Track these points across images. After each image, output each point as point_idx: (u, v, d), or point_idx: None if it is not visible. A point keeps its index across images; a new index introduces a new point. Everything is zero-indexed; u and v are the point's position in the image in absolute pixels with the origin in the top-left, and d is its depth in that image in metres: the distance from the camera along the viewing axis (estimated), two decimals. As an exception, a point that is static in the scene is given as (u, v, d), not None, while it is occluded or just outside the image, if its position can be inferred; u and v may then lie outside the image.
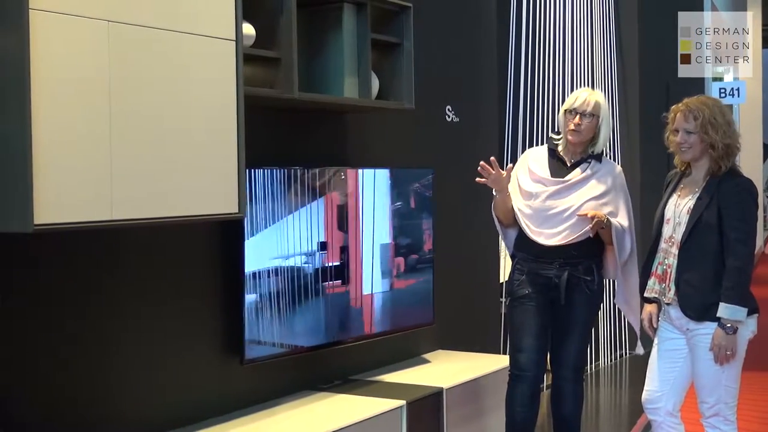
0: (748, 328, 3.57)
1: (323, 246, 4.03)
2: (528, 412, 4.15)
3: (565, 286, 4.01)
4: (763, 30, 17.23)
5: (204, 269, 3.66)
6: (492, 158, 3.95)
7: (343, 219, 4.14)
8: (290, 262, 3.86)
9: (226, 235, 3.66)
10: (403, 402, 3.94)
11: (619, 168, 4.16)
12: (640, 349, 6.60)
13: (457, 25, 5.30)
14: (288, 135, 4.01)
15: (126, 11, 2.75)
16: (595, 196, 3.97)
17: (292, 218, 3.86)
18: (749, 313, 3.53)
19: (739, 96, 12.49)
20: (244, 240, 3.62)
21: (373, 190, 4.30)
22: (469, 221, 4.27)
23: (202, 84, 3.02)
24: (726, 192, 3.54)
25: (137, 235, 3.34)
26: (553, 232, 3.98)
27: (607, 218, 3.90)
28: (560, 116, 4.07)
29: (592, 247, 4.04)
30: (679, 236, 3.62)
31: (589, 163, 4.03)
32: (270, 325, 3.78)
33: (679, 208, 3.67)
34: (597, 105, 4.00)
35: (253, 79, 3.46)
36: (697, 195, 3.60)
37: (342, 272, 4.14)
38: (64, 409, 3.14)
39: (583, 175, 3.98)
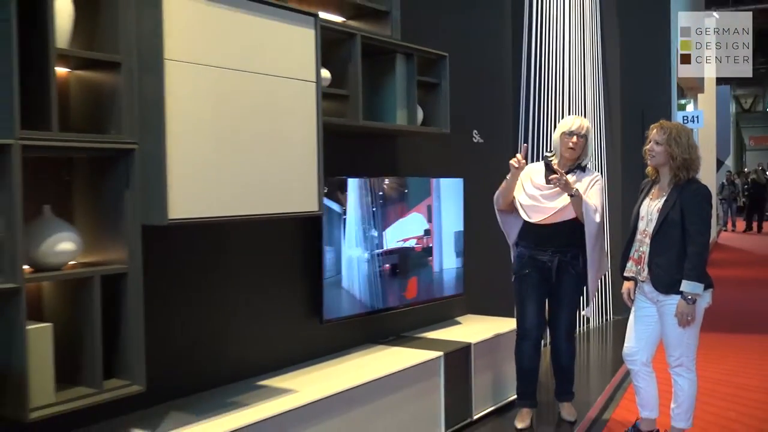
0: (705, 299, 3.54)
1: (379, 239, 4.06)
2: (532, 362, 4.15)
3: (556, 268, 4.01)
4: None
5: (296, 253, 3.68)
6: (525, 145, 4.14)
7: (387, 217, 4.17)
8: (357, 252, 3.90)
9: (310, 227, 3.68)
10: (441, 353, 3.94)
11: (597, 174, 4.14)
12: (586, 310, 6.50)
13: (482, 69, 5.28)
14: (354, 153, 4.03)
15: (235, 60, 2.79)
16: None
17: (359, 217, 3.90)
18: (705, 288, 3.50)
19: (698, 122, 12.36)
20: (322, 231, 3.65)
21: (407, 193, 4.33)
22: (490, 217, 4.27)
23: (291, 114, 3.04)
24: (687, 195, 3.53)
25: (245, 226, 3.37)
26: (539, 215, 3.97)
27: (576, 189, 3.87)
28: (557, 137, 4.05)
29: (577, 238, 4.00)
30: (650, 230, 3.60)
31: (575, 172, 4.02)
32: (343, 295, 3.82)
33: (650, 208, 3.65)
34: (587, 128, 4.03)
35: (328, 110, 3.47)
36: (665, 198, 3.59)
37: (396, 258, 4.16)
38: (196, 355, 3.20)
39: (572, 181, 3.95)
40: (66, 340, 2.48)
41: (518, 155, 3.94)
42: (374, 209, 4.03)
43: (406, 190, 4.27)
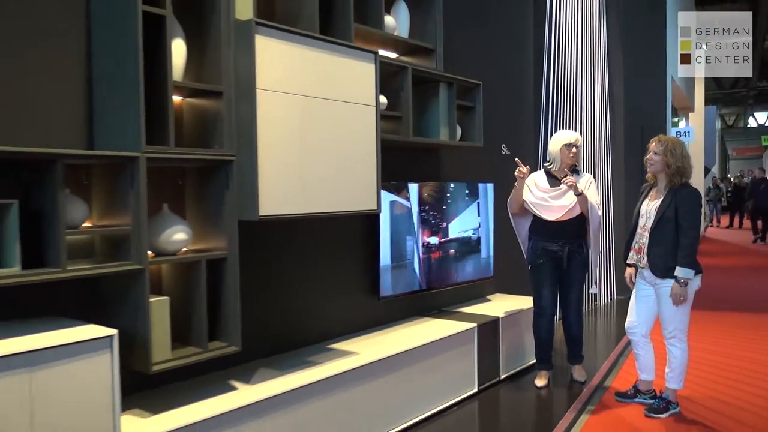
0: (695, 283, 3.45)
1: (438, 232, 4.05)
2: (548, 334, 4.11)
3: (567, 256, 3.94)
4: (705, 92, 16.57)
5: (359, 243, 3.70)
6: (517, 159, 3.92)
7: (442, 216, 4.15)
8: (418, 241, 3.90)
9: (371, 223, 3.69)
10: (475, 324, 3.91)
11: (590, 176, 4.08)
12: (594, 289, 6.35)
13: (509, 95, 5.23)
14: (405, 163, 4.03)
15: (312, 89, 2.81)
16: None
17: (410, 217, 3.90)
18: (696, 273, 3.41)
19: (689, 136, 12.03)
20: (380, 225, 3.66)
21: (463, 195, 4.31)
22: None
23: (356, 132, 3.05)
24: (681, 197, 3.45)
25: (319, 222, 3.40)
26: (553, 214, 3.91)
27: (582, 192, 3.83)
28: (558, 149, 3.95)
29: (581, 230, 3.96)
30: (649, 225, 3.52)
31: (572, 175, 3.94)
32: (396, 276, 3.83)
33: (649, 207, 3.57)
34: (581, 140, 4.01)
35: (385, 129, 3.48)
36: (662, 199, 3.51)
37: (436, 247, 4.14)
38: (279, 323, 3.24)
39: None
40: (179, 310, 2.53)
41: (521, 168, 3.86)
42: (444, 207, 4.11)
43: (466, 191, 4.33)
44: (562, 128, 6.11)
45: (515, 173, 3.89)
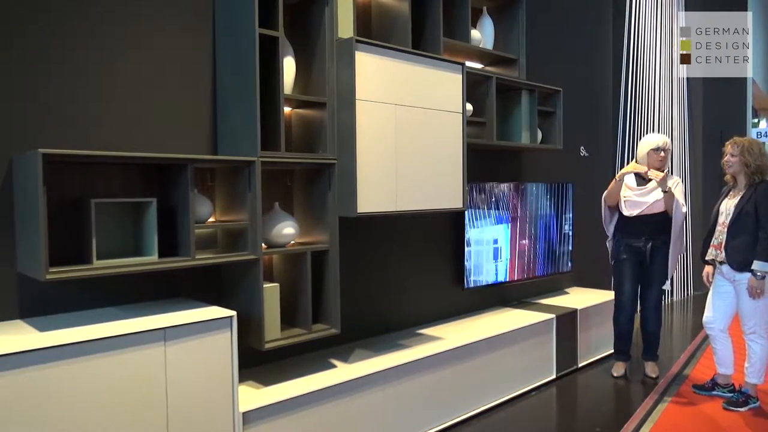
0: None
1: (521, 229, 3.98)
2: (627, 327, 3.91)
3: (649, 251, 3.74)
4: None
5: (446, 237, 3.68)
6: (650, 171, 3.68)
7: (528, 211, 4.07)
8: (506, 236, 3.85)
9: (457, 220, 3.68)
10: (554, 315, 3.81)
11: (677, 178, 3.81)
12: (666, 286, 5.98)
13: (587, 100, 5.05)
14: (489, 164, 3.97)
15: (405, 98, 2.81)
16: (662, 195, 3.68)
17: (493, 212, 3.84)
18: None
19: (770, 136, 11.13)
20: (465, 222, 3.63)
21: (543, 195, 4.20)
22: (592, 214, 4.09)
23: (444, 137, 3.03)
24: (760, 191, 3.23)
25: (410, 218, 3.41)
26: (634, 210, 3.70)
27: (669, 188, 3.59)
28: (645, 152, 3.71)
29: (665, 227, 3.72)
30: (728, 221, 3.30)
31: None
32: (479, 269, 3.78)
33: (729, 205, 3.36)
34: (669, 144, 3.74)
35: (471, 133, 3.44)
36: (741, 195, 3.28)
37: (522, 242, 4.06)
38: (374, 309, 3.27)
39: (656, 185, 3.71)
40: (287, 296, 2.61)
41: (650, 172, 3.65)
42: (525, 205, 4.02)
43: (547, 190, 4.24)
44: (640, 132, 5.84)
45: (647, 173, 3.64)
